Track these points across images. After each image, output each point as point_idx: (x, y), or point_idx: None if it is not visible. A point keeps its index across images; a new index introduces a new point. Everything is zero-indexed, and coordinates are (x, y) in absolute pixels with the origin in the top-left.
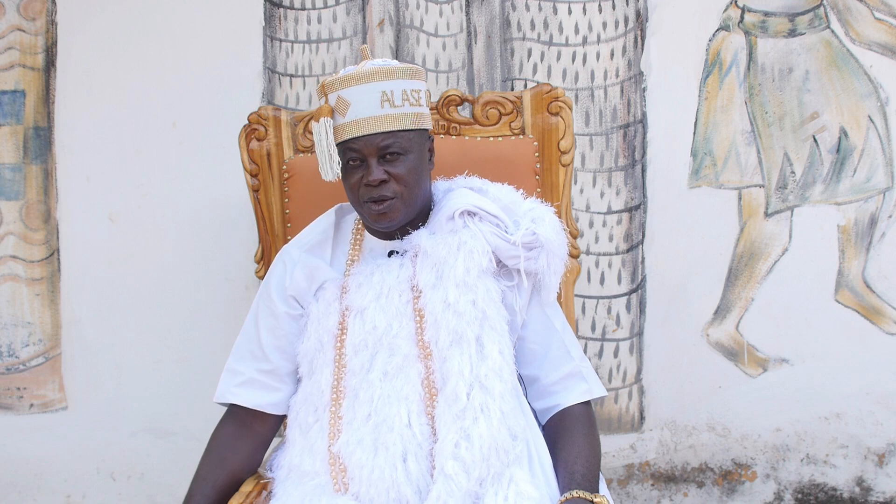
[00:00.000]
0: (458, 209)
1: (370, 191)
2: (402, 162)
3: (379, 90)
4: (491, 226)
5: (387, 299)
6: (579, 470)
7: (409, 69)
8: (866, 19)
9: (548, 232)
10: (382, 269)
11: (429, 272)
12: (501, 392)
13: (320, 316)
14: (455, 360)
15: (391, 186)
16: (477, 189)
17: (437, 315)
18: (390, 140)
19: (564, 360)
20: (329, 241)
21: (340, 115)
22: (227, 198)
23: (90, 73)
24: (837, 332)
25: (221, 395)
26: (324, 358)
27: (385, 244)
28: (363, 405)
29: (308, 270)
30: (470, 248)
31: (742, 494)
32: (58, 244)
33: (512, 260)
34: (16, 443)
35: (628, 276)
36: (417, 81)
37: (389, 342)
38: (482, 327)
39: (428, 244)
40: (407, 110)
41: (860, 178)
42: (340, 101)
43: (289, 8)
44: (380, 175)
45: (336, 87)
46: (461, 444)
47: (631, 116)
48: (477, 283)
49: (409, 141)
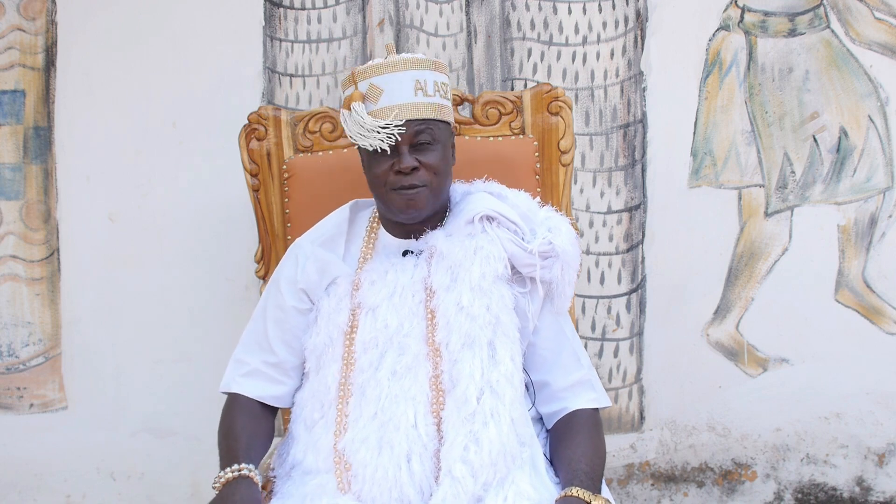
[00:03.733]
0: (478, 213)
1: (401, 178)
2: (432, 151)
3: (413, 78)
4: (509, 233)
5: (400, 298)
6: (583, 468)
7: (437, 63)
8: (866, 19)
9: (564, 242)
10: (397, 268)
11: (444, 274)
12: (512, 398)
13: (331, 311)
14: (466, 363)
15: (421, 175)
16: (496, 194)
17: (450, 317)
18: (422, 127)
19: (575, 367)
20: (343, 236)
21: (372, 102)
22: (227, 198)
23: (90, 73)
24: (837, 332)
25: (226, 385)
26: (332, 354)
27: (400, 243)
28: (370, 403)
29: (320, 264)
30: (487, 253)
31: (742, 494)
32: (58, 244)
33: (527, 268)
34: (16, 443)
35: (628, 275)
36: (444, 75)
37: (400, 341)
38: (495, 332)
39: (444, 246)
40: (438, 101)
41: (860, 177)
42: (372, 88)
43: (289, 8)
44: (412, 162)
45: (368, 74)
46: (470, 447)
47: (631, 116)
48: (492, 288)
49: (439, 131)
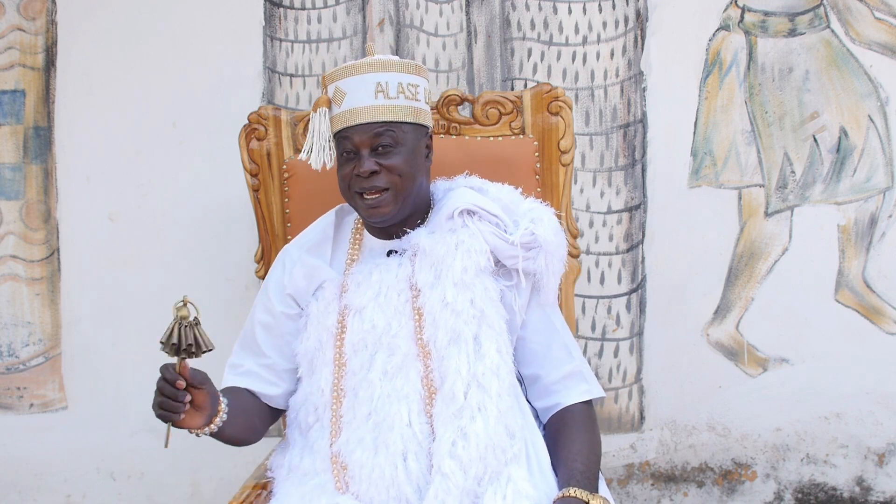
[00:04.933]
0: (457, 208)
1: (360, 181)
2: (394, 154)
3: (374, 81)
4: (490, 225)
5: (385, 298)
6: (578, 468)
7: (407, 64)
8: (866, 19)
9: (546, 232)
10: (381, 268)
11: (427, 271)
12: (499, 391)
13: (319, 315)
14: (453, 359)
15: (382, 178)
16: (477, 188)
17: (436, 314)
18: (382, 130)
19: (565, 359)
20: (329, 241)
21: (336, 105)
22: (227, 198)
23: (90, 73)
24: (837, 332)
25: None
26: (323, 357)
27: (384, 243)
28: (363, 404)
29: (307, 270)
30: (468, 248)
31: (742, 494)
32: (58, 244)
33: (510, 260)
34: (16, 443)
35: (628, 275)
36: (415, 77)
37: (389, 341)
38: (480, 326)
39: (426, 243)
40: (402, 103)
41: (860, 177)
42: (337, 91)
43: (289, 8)
44: (371, 166)
45: (334, 78)
46: (458, 442)
47: (631, 116)
48: (475, 281)
49: (402, 134)
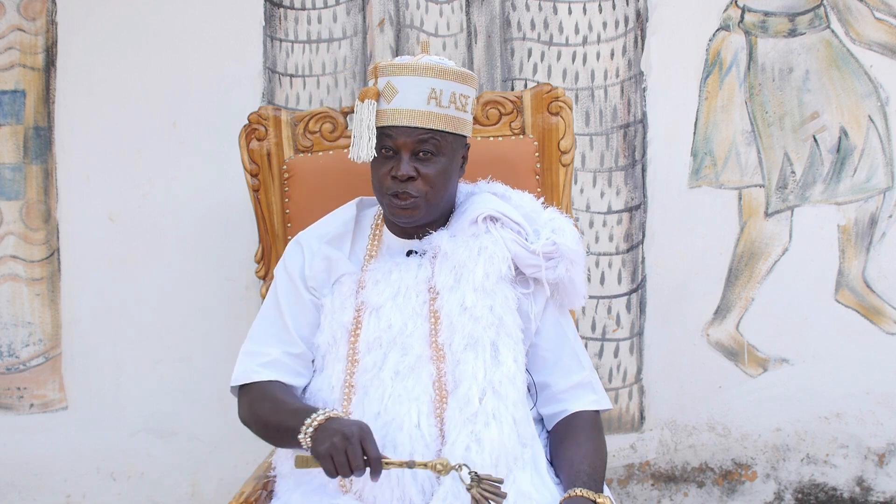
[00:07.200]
0: (481, 214)
1: (396, 184)
2: (433, 163)
3: (429, 86)
4: (512, 233)
5: (403, 299)
6: (585, 470)
7: (463, 74)
8: (866, 19)
9: (568, 242)
10: (401, 268)
11: (447, 274)
12: (514, 399)
13: (335, 310)
14: (469, 364)
15: (417, 185)
16: (500, 195)
17: (453, 318)
18: (427, 136)
19: (576, 369)
20: (349, 235)
21: (385, 100)
22: (227, 198)
23: (90, 73)
24: (837, 332)
25: (244, 375)
26: (336, 353)
27: (404, 243)
28: (373, 403)
29: (328, 262)
30: (491, 254)
31: (742, 494)
32: (58, 244)
33: (531, 269)
34: (16, 443)
35: (628, 275)
36: (468, 87)
37: (403, 342)
38: (498, 333)
39: (448, 246)
40: (451, 113)
41: (860, 177)
42: (389, 86)
43: (289, 8)
44: (409, 171)
45: (388, 71)
46: (472, 447)
47: (631, 116)
48: (495, 288)
49: (445, 143)
